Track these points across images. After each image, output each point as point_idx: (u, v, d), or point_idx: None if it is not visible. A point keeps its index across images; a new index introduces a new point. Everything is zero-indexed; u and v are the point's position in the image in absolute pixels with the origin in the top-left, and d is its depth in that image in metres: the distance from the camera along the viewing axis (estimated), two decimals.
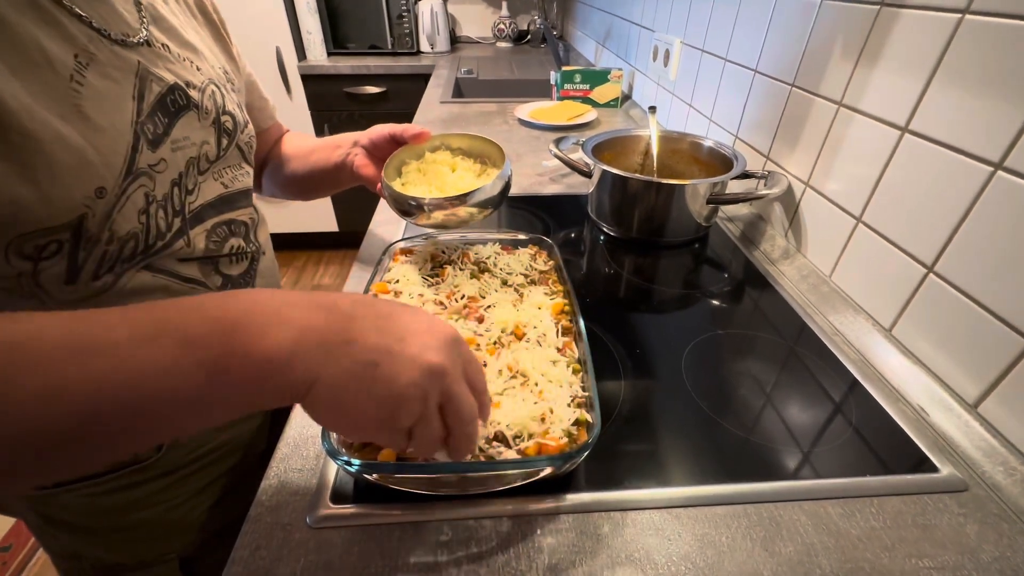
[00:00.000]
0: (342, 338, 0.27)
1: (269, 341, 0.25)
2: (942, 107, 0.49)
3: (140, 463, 0.50)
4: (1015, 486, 0.42)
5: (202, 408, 0.26)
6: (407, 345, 0.28)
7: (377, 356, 0.27)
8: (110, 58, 0.39)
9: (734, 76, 0.88)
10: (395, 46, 2.31)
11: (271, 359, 0.25)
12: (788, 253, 0.73)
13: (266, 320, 0.26)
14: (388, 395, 0.27)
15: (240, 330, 0.25)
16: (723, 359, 0.57)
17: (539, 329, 0.49)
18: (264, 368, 0.25)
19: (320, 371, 0.26)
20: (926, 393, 0.50)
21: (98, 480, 0.48)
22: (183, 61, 0.46)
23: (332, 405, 0.27)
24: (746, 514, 0.40)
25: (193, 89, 0.46)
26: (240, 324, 0.25)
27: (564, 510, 0.40)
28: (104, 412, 0.23)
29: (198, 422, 0.27)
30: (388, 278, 0.58)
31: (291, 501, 0.41)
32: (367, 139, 0.63)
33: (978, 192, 0.46)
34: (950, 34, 0.48)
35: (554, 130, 1.30)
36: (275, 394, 0.26)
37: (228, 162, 0.51)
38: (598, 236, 0.82)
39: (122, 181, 0.38)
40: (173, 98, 0.43)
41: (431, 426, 0.30)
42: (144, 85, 0.41)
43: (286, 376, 0.26)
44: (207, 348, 0.24)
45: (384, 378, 0.27)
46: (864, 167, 0.59)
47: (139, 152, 0.40)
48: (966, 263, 0.47)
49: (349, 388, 0.27)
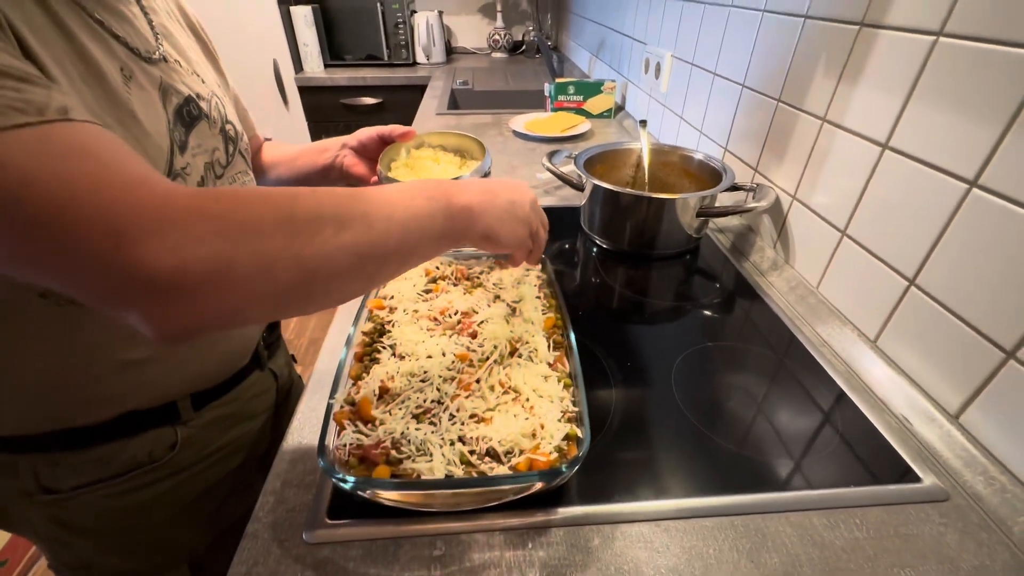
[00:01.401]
0: (492, 194, 0.42)
1: (466, 198, 0.40)
2: (920, 125, 0.51)
3: (154, 463, 0.51)
4: (995, 496, 0.43)
5: (441, 238, 0.39)
6: (518, 189, 0.45)
7: (511, 198, 0.44)
8: (141, 73, 0.42)
9: (723, 90, 0.90)
10: (391, 57, 2.33)
11: (470, 208, 0.40)
12: (777, 264, 0.75)
13: (458, 190, 0.40)
14: (525, 216, 0.45)
15: (450, 194, 0.39)
16: (712, 371, 0.58)
17: (531, 344, 0.50)
18: (468, 213, 0.40)
19: (491, 214, 0.41)
20: (909, 403, 0.51)
21: (114, 481, 0.50)
22: (192, 75, 0.50)
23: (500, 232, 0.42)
24: (733, 526, 0.41)
25: (202, 100, 0.49)
26: (448, 191, 0.39)
27: (555, 523, 0.41)
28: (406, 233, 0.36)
29: (440, 245, 0.39)
30: (383, 294, 0.59)
31: (288, 517, 0.42)
32: (356, 140, 0.67)
33: (955, 208, 0.47)
34: (925, 55, 0.49)
35: (548, 142, 1.32)
36: (473, 231, 0.41)
37: (237, 168, 0.54)
38: (591, 248, 0.84)
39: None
40: (188, 109, 0.47)
41: (541, 232, 0.49)
42: (166, 97, 0.44)
43: (478, 219, 0.40)
44: (439, 200, 0.38)
45: (519, 208, 0.44)
46: (848, 181, 0.61)
47: (175, 156, 0.44)
48: (945, 277, 0.49)
49: (507, 220, 0.43)
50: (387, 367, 0.47)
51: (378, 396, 0.45)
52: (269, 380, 0.66)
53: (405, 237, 0.36)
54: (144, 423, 0.50)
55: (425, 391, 0.45)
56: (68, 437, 0.48)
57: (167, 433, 0.52)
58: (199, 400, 0.54)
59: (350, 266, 0.33)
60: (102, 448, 0.49)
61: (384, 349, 0.50)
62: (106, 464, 0.49)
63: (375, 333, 0.52)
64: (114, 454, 0.49)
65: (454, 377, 0.47)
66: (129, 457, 0.50)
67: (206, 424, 0.55)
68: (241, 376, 0.60)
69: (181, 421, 0.53)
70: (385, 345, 0.50)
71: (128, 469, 0.50)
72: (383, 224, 0.34)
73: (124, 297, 0.27)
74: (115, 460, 0.50)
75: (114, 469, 0.50)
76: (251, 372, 0.61)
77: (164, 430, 0.52)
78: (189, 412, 0.53)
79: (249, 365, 0.61)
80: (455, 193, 0.39)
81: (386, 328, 0.53)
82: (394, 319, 0.54)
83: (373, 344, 0.51)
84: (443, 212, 0.38)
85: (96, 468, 0.49)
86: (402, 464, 0.39)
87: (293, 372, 0.76)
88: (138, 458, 0.50)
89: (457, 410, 0.43)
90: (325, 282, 0.32)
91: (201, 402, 0.54)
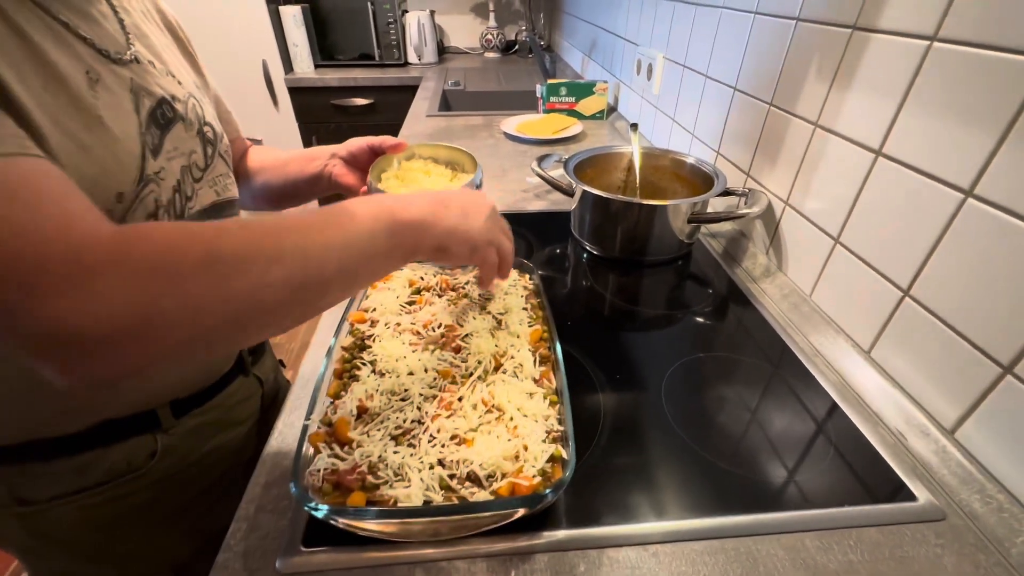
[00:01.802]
0: (442, 204, 0.42)
1: (412, 214, 0.39)
2: (914, 132, 0.50)
3: (134, 472, 0.50)
4: (991, 515, 0.42)
5: (388, 257, 0.38)
6: (473, 204, 0.45)
7: (464, 208, 0.43)
8: (110, 75, 0.41)
9: (715, 93, 0.89)
10: (382, 58, 2.31)
11: (417, 223, 0.39)
12: (769, 271, 0.73)
13: (403, 205, 0.39)
14: (479, 226, 0.44)
15: (395, 210, 0.38)
16: (703, 384, 0.57)
17: (516, 359, 0.49)
18: (415, 229, 0.39)
19: (441, 226, 0.41)
20: (904, 417, 0.50)
21: (92, 491, 0.49)
22: (167, 76, 0.48)
23: (452, 243, 0.42)
24: (723, 549, 0.40)
25: (178, 102, 0.48)
26: (393, 208, 0.39)
27: (539, 549, 0.40)
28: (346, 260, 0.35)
29: (387, 266, 0.40)
30: (365, 306, 0.57)
31: (261, 545, 0.40)
32: (345, 151, 0.66)
33: (950, 218, 0.46)
34: (919, 60, 0.48)
35: (540, 144, 1.30)
36: (423, 246, 0.40)
37: (217, 171, 0.53)
38: (581, 254, 0.82)
39: (136, 187, 0.41)
40: (162, 111, 0.45)
41: (504, 243, 0.47)
42: (138, 99, 0.43)
43: (427, 233, 0.40)
44: (380, 219, 0.37)
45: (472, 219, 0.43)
46: (841, 188, 0.59)
47: (146, 160, 0.42)
48: (940, 288, 0.48)
49: (459, 230, 0.42)
50: (366, 385, 0.45)
51: (356, 416, 0.43)
52: (254, 386, 0.65)
53: (345, 263, 0.35)
54: (122, 431, 0.49)
55: (405, 411, 0.43)
56: (43, 447, 0.47)
57: (147, 441, 0.51)
58: (180, 407, 0.53)
59: (284, 301, 0.32)
60: (79, 458, 0.48)
61: (364, 365, 0.48)
62: (84, 474, 0.49)
63: (355, 348, 0.51)
64: (92, 463, 0.49)
65: (435, 395, 0.45)
66: (107, 466, 0.49)
67: (188, 432, 0.54)
68: (224, 383, 0.59)
69: (161, 429, 0.52)
70: (365, 361, 0.49)
71: (107, 479, 0.49)
72: (318, 253, 0.33)
73: (36, 350, 0.26)
74: (93, 470, 0.49)
75: (92, 479, 0.49)
76: (234, 378, 0.60)
77: (143, 438, 0.51)
78: (170, 420, 0.52)
79: (232, 371, 0.60)
80: (400, 208, 0.39)
81: (367, 343, 0.51)
82: (375, 333, 0.52)
83: (353, 360, 0.49)
84: (386, 231, 0.37)
85: (73, 478, 0.48)
86: (379, 490, 0.37)
87: (280, 377, 0.75)
88: (117, 467, 0.50)
89: (438, 431, 0.41)
90: (258, 319, 0.31)
91: (182, 409, 0.53)
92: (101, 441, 0.48)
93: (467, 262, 0.45)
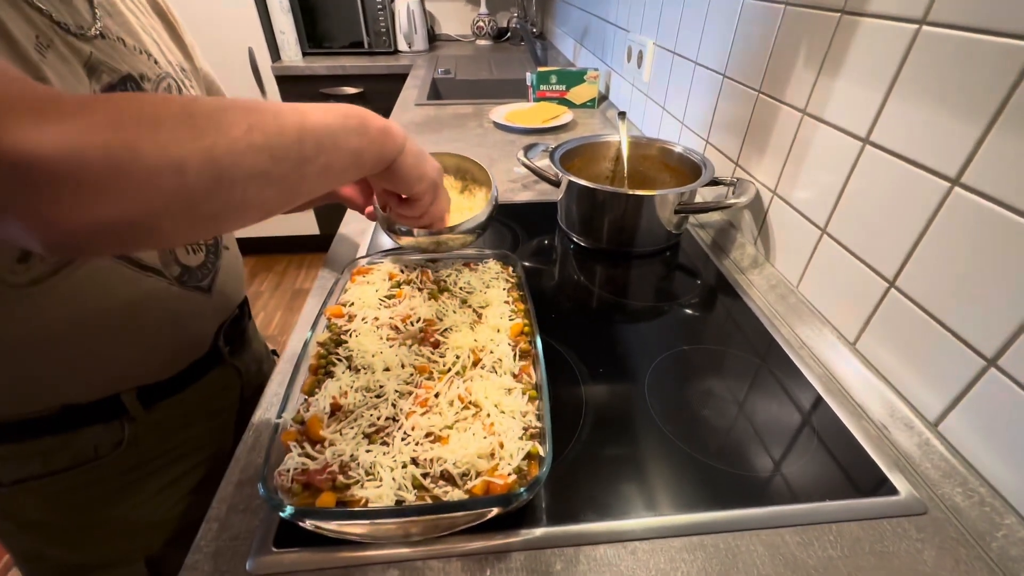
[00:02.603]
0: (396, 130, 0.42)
1: (377, 123, 0.39)
2: (901, 119, 0.48)
3: (100, 458, 0.50)
4: (973, 508, 0.41)
5: (358, 155, 0.38)
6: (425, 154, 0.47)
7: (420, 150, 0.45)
8: (63, 46, 0.40)
9: (704, 80, 0.87)
10: (372, 45, 2.27)
11: (382, 131, 0.40)
12: (757, 262, 0.72)
13: (372, 115, 0.39)
14: (433, 165, 0.47)
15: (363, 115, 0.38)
16: (688, 377, 0.56)
17: (495, 354, 0.48)
18: (380, 135, 0.40)
19: (400, 143, 0.42)
20: (888, 410, 0.50)
21: (58, 476, 0.49)
22: (139, 54, 0.47)
23: (407, 163, 0.43)
24: (703, 546, 0.39)
25: (147, 82, 0.47)
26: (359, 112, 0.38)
27: (516, 547, 0.39)
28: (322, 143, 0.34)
29: (354, 165, 0.38)
30: (344, 300, 0.56)
31: (231, 546, 0.39)
32: None
33: (936, 208, 0.45)
34: (907, 45, 0.47)
35: (529, 133, 1.28)
36: (384, 156, 0.41)
37: None
38: (568, 246, 0.81)
39: None
40: (124, 88, 0.44)
41: (441, 192, 0.50)
42: (94, 75, 0.42)
43: (387, 143, 0.40)
44: (354, 117, 0.37)
45: (428, 159, 0.47)
46: (828, 177, 0.58)
47: None
48: (926, 280, 0.47)
49: (414, 155, 0.44)
50: (341, 381, 0.44)
51: (329, 414, 0.42)
52: (232, 376, 0.64)
53: (320, 145, 0.34)
54: (85, 417, 0.49)
55: (380, 408, 0.42)
56: (5, 429, 0.47)
57: (113, 429, 0.51)
58: (148, 395, 0.52)
59: (264, 168, 0.30)
60: (41, 442, 0.48)
61: (340, 361, 0.47)
62: (47, 459, 0.49)
63: (331, 343, 0.49)
64: (55, 449, 0.49)
65: (411, 392, 0.44)
66: (72, 452, 0.49)
67: (158, 421, 0.54)
68: (198, 372, 0.58)
69: (129, 417, 0.51)
70: (341, 357, 0.48)
71: (72, 464, 0.49)
72: (295, 129, 0.32)
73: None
74: (57, 455, 0.49)
75: (57, 464, 0.49)
76: (210, 368, 0.59)
77: (110, 425, 0.50)
78: (137, 408, 0.52)
79: (206, 360, 0.59)
80: (371, 116, 0.39)
81: (343, 338, 0.50)
82: (352, 328, 0.51)
83: (328, 356, 0.48)
84: (358, 129, 0.37)
85: (37, 462, 0.49)
86: (349, 490, 0.36)
87: (268, 366, 0.74)
88: (83, 454, 0.50)
89: (412, 429, 0.41)
90: (242, 184, 0.29)
91: (151, 398, 0.53)
92: (65, 427, 0.48)
93: (415, 192, 0.46)
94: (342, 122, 0.36)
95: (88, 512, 0.53)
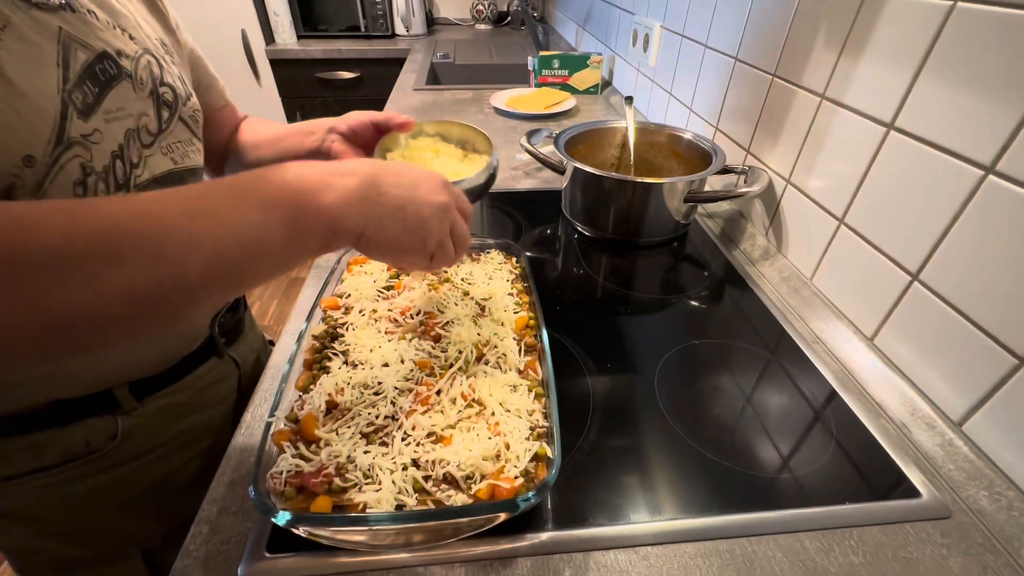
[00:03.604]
0: (375, 191, 0.34)
1: (328, 200, 0.32)
2: (931, 104, 0.46)
3: (93, 453, 0.49)
4: (1000, 512, 0.40)
5: (287, 255, 0.31)
6: (418, 190, 0.37)
7: (403, 202, 0.36)
8: (27, 22, 0.36)
9: (715, 64, 0.84)
10: (369, 28, 2.21)
11: (333, 212, 0.32)
12: (769, 253, 0.70)
13: (319, 186, 0.32)
14: (418, 226, 0.36)
15: (303, 194, 0.31)
16: (699, 373, 0.54)
17: (500, 349, 0.46)
18: (329, 219, 0.32)
19: (367, 218, 0.34)
20: (908, 408, 0.48)
21: (50, 471, 0.48)
22: (113, 29, 0.43)
23: (379, 241, 0.35)
24: (718, 551, 0.38)
25: (125, 58, 0.43)
26: (301, 190, 0.31)
27: (522, 552, 0.37)
28: (222, 259, 0.28)
29: (285, 265, 0.32)
30: (339, 291, 0.53)
31: (222, 550, 0.37)
32: (345, 125, 0.60)
33: (967, 197, 0.43)
34: (940, 24, 0.44)
35: (531, 119, 1.25)
36: (339, 238, 0.33)
37: (176, 136, 0.48)
38: (572, 235, 0.78)
39: (52, 150, 0.36)
40: (102, 66, 0.41)
41: (446, 244, 0.40)
42: (68, 52, 0.38)
43: (345, 224, 0.33)
44: (283, 208, 0.31)
45: (412, 215, 0.36)
46: (847, 165, 0.56)
47: (69, 120, 0.37)
48: (953, 273, 0.44)
49: (389, 227, 0.35)
50: (337, 377, 0.42)
51: (325, 412, 0.40)
52: (229, 368, 0.62)
53: (218, 264, 0.28)
54: (77, 412, 0.47)
55: (378, 406, 0.40)
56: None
57: (106, 423, 0.49)
58: (141, 389, 0.51)
59: (126, 315, 0.26)
60: (32, 437, 0.46)
61: (336, 356, 0.45)
62: (39, 454, 0.47)
63: (327, 337, 0.47)
64: (47, 444, 0.47)
65: (412, 389, 0.42)
66: (64, 447, 0.48)
67: (152, 414, 0.52)
68: (193, 364, 0.56)
69: (122, 410, 0.50)
70: (337, 351, 0.45)
71: (65, 460, 0.48)
72: (176, 252, 0.27)
73: None
74: (48, 450, 0.47)
75: (48, 459, 0.47)
76: (205, 359, 0.57)
77: (103, 419, 0.49)
78: (130, 401, 0.50)
79: (202, 352, 0.57)
80: (314, 191, 0.32)
81: (339, 331, 0.48)
82: (349, 320, 0.49)
83: (324, 350, 0.46)
84: (284, 223, 0.30)
85: (28, 458, 0.47)
86: (346, 494, 0.34)
87: (265, 356, 0.72)
88: (75, 448, 0.48)
89: (412, 428, 0.38)
90: (95, 334, 0.26)
91: (144, 391, 0.51)
92: (54, 421, 0.47)
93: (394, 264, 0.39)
94: (260, 219, 0.29)
95: (82, 506, 0.51)
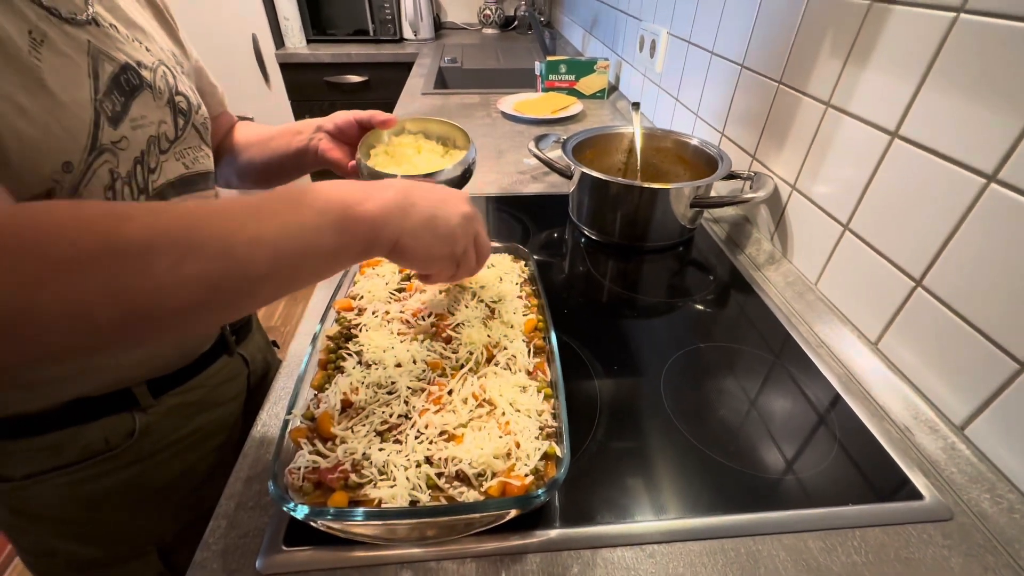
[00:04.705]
0: (409, 203, 0.37)
1: (370, 207, 0.35)
2: (934, 112, 0.47)
3: (111, 450, 0.50)
4: (1001, 515, 0.40)
5: (335, 256, 0.34)
6: (447, 203, 0.40)
7: (433, 211, 0.39)
8: (61, 36, 0.38)
9: (721, 70, 0.85)
10: (377, 33, 2.24)
11: (374, 219, 0.35)
12: (774, 258, 0.71)
13: (361, 197, 0.35)
14: (447, 234, 0.40)
15: (348, 203, 0.34)
16: (704, 376, 0.55)
17: (509, 351, 0.47)
18: (370, 225, 0.35)
19: (402, 225, 0.37)
20: (912, 412, 0.48)
21: (69, 469, 0.49)
22: (132, 42, 0.45)
23: (413, 248, 0.38)
24: (723, 550, 0.38)
25: (145, 69, 0.45)
26: (346, 199, 0.34)
27: (531, 549, 0.38)
28: (280, 257, 0.31)
29: (331, 267, 0.35)
30: (352, 293, 0.55)
31: (240, 544, 0.38)
32: (331, 124, 0.63)
33: (970, 205, 0.43)
34: (943, 34, 0.45)
35: (538, 124, 1.26)
36: (377, 245, 0.36)
37: (188, 143, 0.51)
38: (579, 239, 0.79)
39: (87, 156, 0.38)
40: (126, 77, 0.43)
41: (470, 253, 0.43)
42: (97, 64, 0.40)
43: (383, 231, 0.36)
44: (331, 213, 0.33)
45: (442, 224, 0.39)
46: (852, 172, 0.56)
47: (101, 128, 0.40)
48: (956, 279, 0.45)
49: (422, 235, 0.38)
50: (352, 377, 0.43)
51: (340, 410, 0.41)
52: (239, 365, 0.64)
53: (279, 260, 0.31)
54: (97, 410, 0.49)
55: (391, 405, 0.41)
56: (14, 424, 0.46)
57: (124, 420, 0.50)
58: (158, 386, 0.52)
59: (197, 301, 0.28)
60: (53, 435, 0.47)
61: (350, 356, 0.46)
62: (58, 452, 0.48)
63: (341, 337, 0.48)
64: (66, 441, 0.48)
65: (424, 388, 0.43)
66: (83, 445, 0.49)
67: (168, 411, 0.53)
68: (206, 362, 0.57)
69: (139, 408, 0.51)
70: (351, 351, 0.46)
71: (84, 457, 0.49)
72: (245, 248, 0.29)
73: None
74: (68, 448, 0.48)
75: (68, 457, 0.49)
76: (217, 358, 0.59)
77: (121, 417, 0.50)
78: (147, 399, 0.51)
79: (214, 350, 0.58)
80: (357, 202, 0.34)
81: (353, 332, 0.49)
82: (362, 322, 0.50)
83: (338, 350, 0.47)
84: (334, 226, 0.33)
85: (48, 456, 0.48)
86: (362, 489, 0.35)
87: (271, 356, 0.73)
88: (94, 446, 0.49)
89: (425, 427, 0.39)
90: (163, 320, 0.27)
91: (160, 388, 0.52)
92: (74, 420, 0.48)
93: (421, 271, 0.42)
94: (314, 221, 0.32)
95: (99, 504, 0.52)
